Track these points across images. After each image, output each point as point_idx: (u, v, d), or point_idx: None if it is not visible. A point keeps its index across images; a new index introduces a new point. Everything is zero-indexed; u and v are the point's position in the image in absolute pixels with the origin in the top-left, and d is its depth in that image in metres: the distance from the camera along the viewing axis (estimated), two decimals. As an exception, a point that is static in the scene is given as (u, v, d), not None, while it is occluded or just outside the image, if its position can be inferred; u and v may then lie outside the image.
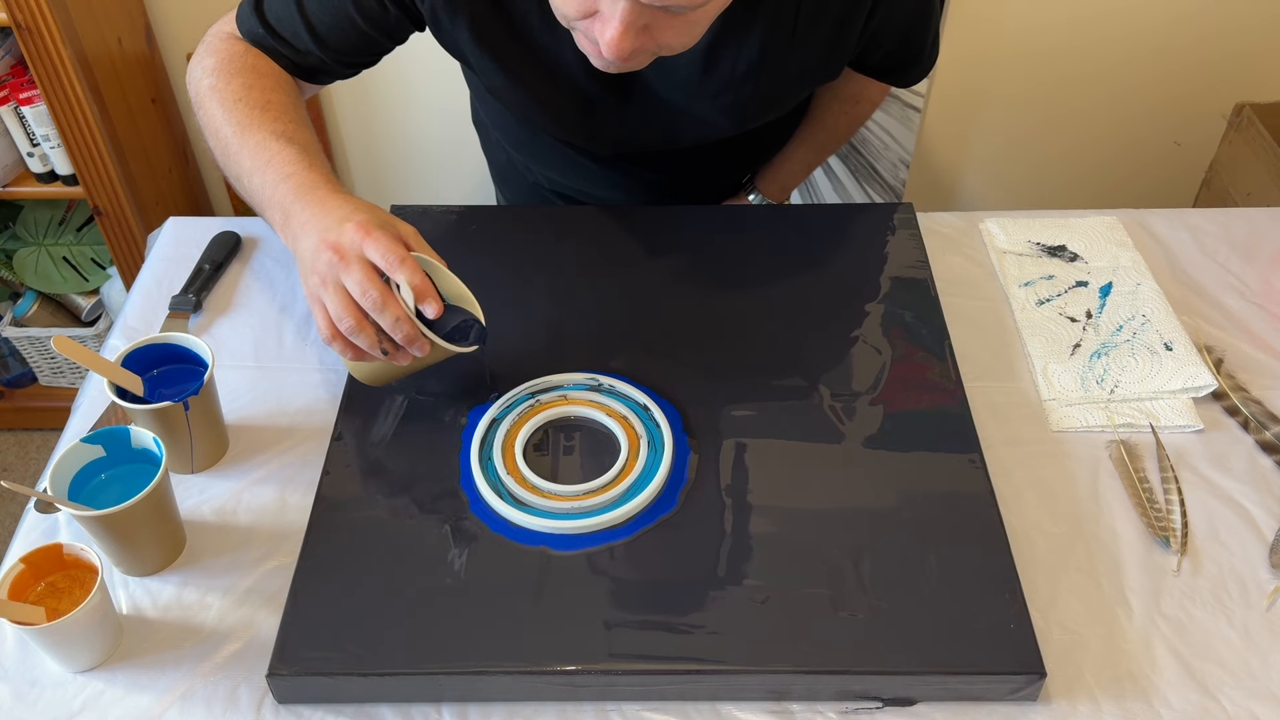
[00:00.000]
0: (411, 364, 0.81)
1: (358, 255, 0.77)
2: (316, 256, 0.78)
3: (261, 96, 0.90)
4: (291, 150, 0.86)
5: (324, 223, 0.79)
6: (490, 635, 0.73)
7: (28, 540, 0.82)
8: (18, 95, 1.57)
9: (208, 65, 0.93)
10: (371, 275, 0.76)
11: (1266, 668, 0.75)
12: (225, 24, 0.97)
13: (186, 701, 0.73)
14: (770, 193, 1.25)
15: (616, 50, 0.75)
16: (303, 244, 0.81)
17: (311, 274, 0.79)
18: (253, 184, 0.87)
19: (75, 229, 1.82)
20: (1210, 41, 1.74)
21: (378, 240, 0.77)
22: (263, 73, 0.93)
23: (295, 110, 0.91)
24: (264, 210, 0.87)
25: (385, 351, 0.79)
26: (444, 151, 1.89)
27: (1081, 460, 0.89)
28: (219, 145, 0.91)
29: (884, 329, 0.95)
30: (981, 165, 1.93)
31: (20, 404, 1.97)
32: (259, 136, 0.87)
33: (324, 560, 0.78)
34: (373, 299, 0.76)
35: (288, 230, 0.84)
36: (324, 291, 0.78)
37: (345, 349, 0.79)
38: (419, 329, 0.77)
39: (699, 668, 0.72)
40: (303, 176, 0.84)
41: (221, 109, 0.90)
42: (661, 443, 0.84)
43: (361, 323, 0.77)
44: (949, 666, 0.72)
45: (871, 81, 1.13)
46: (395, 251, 0.77)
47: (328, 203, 0.81)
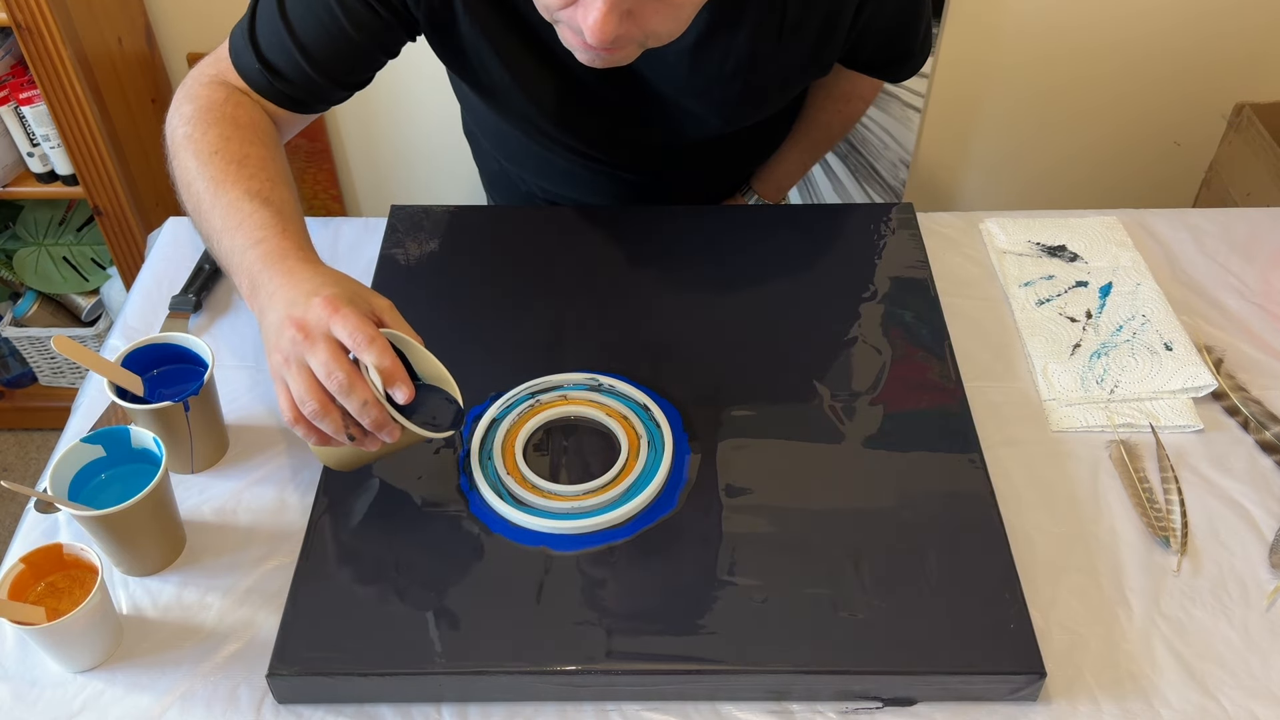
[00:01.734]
0: (381, 449, 0.75)
1: (324, 333, 0.71)
2: (280, 333, 0.73)
3: (239, 150, 0.85)
4: (265, 213, 0.81)
5: (290, 295, 0.74)
6: (490, 635, 0.73)
7: (28, 540, 0.82)
8: (18, 95, 1.57)
9: (185, 113, 0.88)
10: (338, 355, 0.71)
11: (1266, 668, 0.75)
12: (208, 66, 0.92)
13: (186, 701, 0.73)
14: (766, 194, 1.25)
15: (600, 34, 0.72)
16: (268, 318, 0.76)
17: (275, 351, 0.73)
18: (222, 246, 0.82)
19: (75, 229, 1.82)
20: (1210, 42, 1.74)
21: (346, 317, 0.71)
22: (242, 124, 0.88)
23: (273, 165, 0.86)
24: (232, 275, 0.82)
25: (352, 437, 0.73)
26: (443, 152, 1.89)
27: (1081, 460, 0.89)
28: (191, 200, 0.86)
29: (884, 329, 0.95)
30: (981, 165, 1.93)
31: (20, 404, 1.97)
32: (232, 195, 0.82)
33: (324, 560, 0.78)
34: (339, 381, 0.70)
35: (255, 300, 0.78)
36: (287, 371, 0.72)
37: (309, 433, 0.74)
38: (389, 413, 0.72)
39: (699, 668, 0.72)
40: (273, 244, 0.79)
41: (196, 161, 0.85)
42: (661, 443, 0.84)
43: (326, 406, 0.71)
44: (949, 666, 0.72)
45: (864, 79, 1.13)
46: (364, 330, 0.71)
47: (296, 274, 0.76)
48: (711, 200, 1.25)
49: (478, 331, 0.95)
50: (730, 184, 1.26)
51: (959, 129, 1.87)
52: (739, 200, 1.26)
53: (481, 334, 0.95)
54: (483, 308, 0.98)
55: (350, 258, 1.07)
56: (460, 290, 0.99)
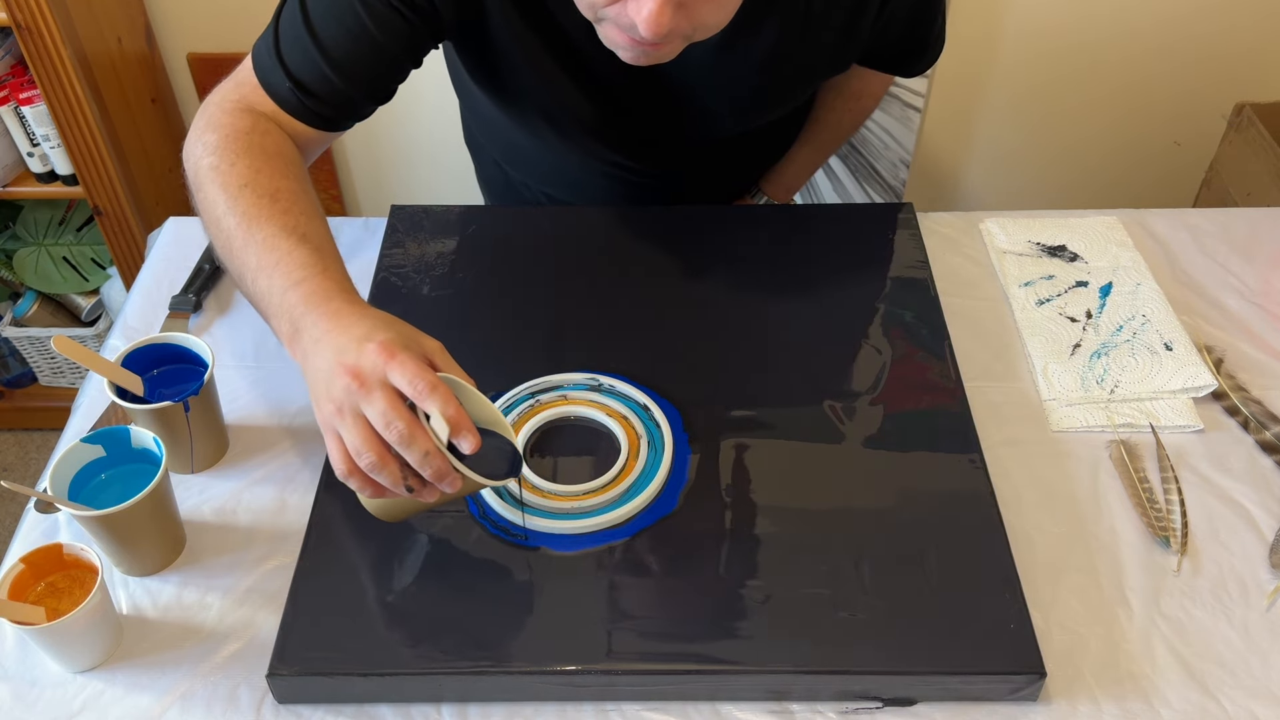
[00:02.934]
0: (437, 500, 0.71)
1: (380, 381, 0.67)
2: (332, 381, 0.68)
3: (270, 183, 0.81)
4: (303, 251, 0.77)
5: (339, 341, 0.70)
6: (490, 635, 0.73)
7: (28, 540, 0.82)
8: (18, 95, 1.57)
9: (209, 142, 0.84)
10: (397, 404, 0.67)
11: (1266, 668, 0.75)
12: (229, 90, 0.88)
13: (186, 701, 0.73)
14: (775, 194, 1.25)
15: (655, 27, 0.71)
16: (314, 364, 0.71)
17: (326, 401, 0.69)
18: (258, 286, 0.77)
19: (75, 229, 1.82)
20: (1210, 41, 1.74)
21: (403, 364, 0.67)
22: (270, 154, 0.83)
23: (305, 199, 0.82)
24: (269, 317, 0.78)
25: (410, 488, 0.69)
26: (444, 152, 1.89)
27: (1081, 460, 0.89)
28: (220, 235, 0.81)
29: (884, 329, 0.95)
30: (981, 165, 1.93)
31: (20, 404, 1.97)
32: (267, 231, 0.78)
33: (324, 560, 0.78)
34: (399, 431, 0.66)
35: (297, 345, 0.74)
36: (340, 421, 0.68)
37: (364, 485, 0.69)
38: (451, 462, 0.67)
39: (699, 668, 0.72)
40: (314, 284, 0.75)
41: (224, 195, 0.80)
42: (661, 443, 0.84)
43: (385, 457, 0.67)
44: (949, 666, 0.72)
45: (875, 76, 1.13)
46: (424, 377, 0.67)
47: (343, 317, 0.72)
48: (720, 204, 1.25)
49: (477, 331, 0.95)
50: (739, 186, 1.26)
51: (959, 129, 1.87)
52: (747, 202, 1.26)
53: (481, 334, 0.95)
54: (483, 308, 0.98)
55: (350, 258, 1.06)
56: (460, 290, 0.99)
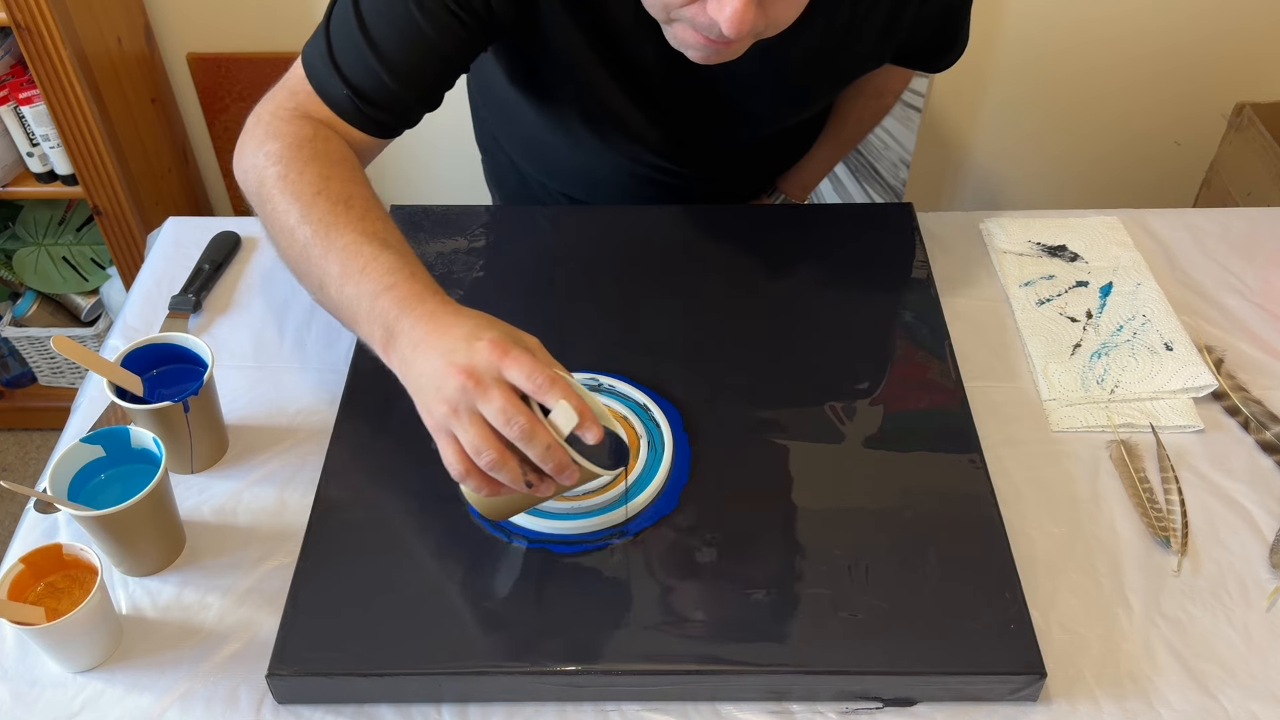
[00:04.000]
0: (556, 492, 0.71)
1: (495, 378, 0.67)
2: (444, 382, 0.68)
3: (342, 189, 0.80)
4: (388, 256, 0.76)
5: (445, 343, 0.70)
6: (490, 635, 0.73)
7: (28, 540, 0.82)
8: (17, 95, 1.57)
9: (271, 151, 0.82)
10: (515, 400, 0.67)
11: (1266, 668, 0.75)
12: (283, 99, 0.86)
13: (186, 701, 0.73)
14: (793, 193, 1.25)
15: (739, 25, 0.71)
16: (419, 368, 0.70)
17: (438, 403, 0.68)
18: (343, 294, 0.76)
19: (75, 229, 1.82)
20: (1210, 41, 1.74)
21: (519, 361, 0.67)
22: (335, 160, 0.82)
23: (377, 205, 0.82)
24: (357, 325, 0.77)
25: (529, 484, 0.69)
26: (445, 151, 1.89)
27: (1081, 460, 0.89)
28: (292, 245, 0.80)
29: (884, 329, 0.95)
30: (981, 165, 1.93)
31: (20, 404, 1.97)
32: (348, 238, 0.77)
33: (324, 560, 0.78)
34: (520, 427, 0.66)
35: (392, 351, 0.73)
36: (456, 422, 0.68)
37: (482, 484, 0.69)
38: (570, 455, 0.68)
39: (699, 668, 0.72)
40: (405, 288, 0.74)
41: (298, 204, 0.79)
42: (661, 443, 0.84)
43: (505, 454, 0.67)
44: (949, 666, 0.72)
45: (897, 72, 1.14)
46: (542, 372, 0.67)
47: (441, 319, 0.72)
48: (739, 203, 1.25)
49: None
50: (760, 186, 1.26)
51: (959, 129, 1.87)
52: (765, 201, 1.26)
53: (481, 334, 0.95)
54: (482, 307, 0.97)
55: (350, 258, 1.07)
56: (460, 290, 0.99)
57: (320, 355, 0.97)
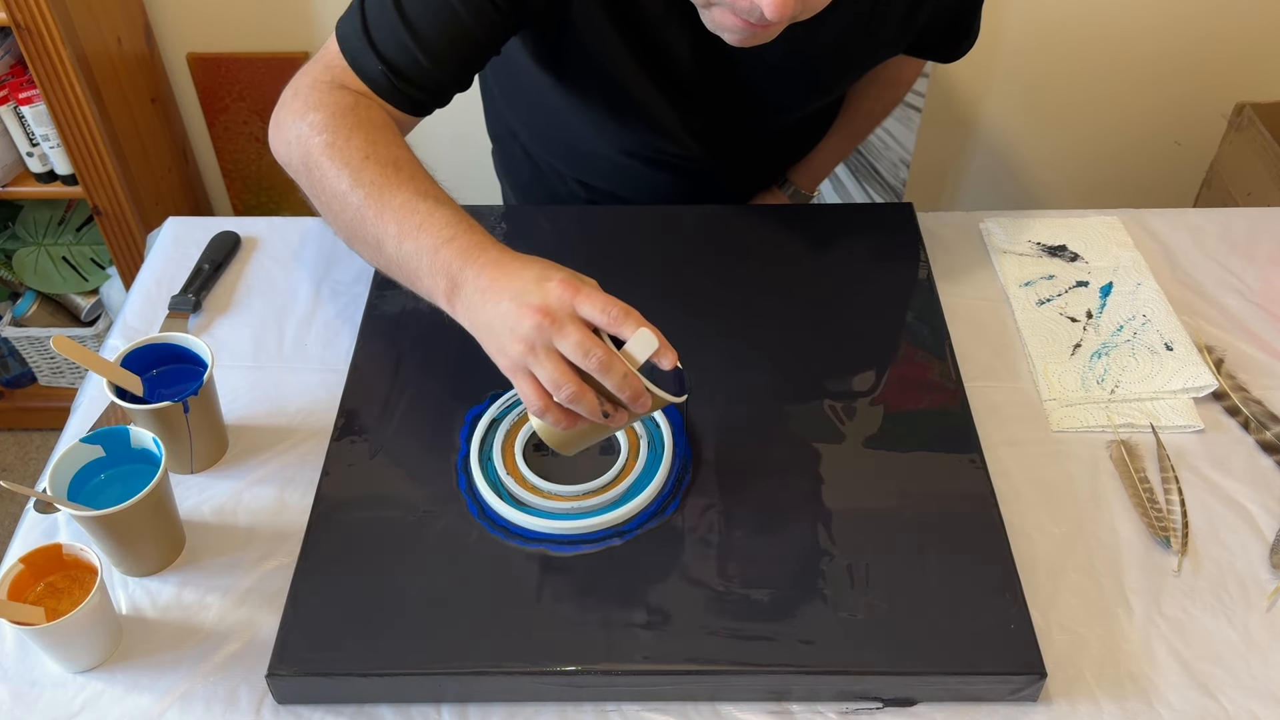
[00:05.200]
0: (626, 421, 0.74)
1: (570, 315, 0.70)
2: (519, 323, 0.70)
3: (389, 153, 0.82)
4: (444, 211, 0.79)
5: (516, 286, 0.72)
6: (490, 635, 0.73)
7: (27, 540, 0.82)
8: (17, 95, 1.57)
9: (315, 121, 0.84)
10: (591, 335, 0.70)
11: (1266, 668, 0.75)
12: (319, 73, 0.88)
13: (186, 701, 0.73)
14: (803, 183, 1.26)
15: (781, 9, 0.72)
16: (489, 311, 0.73)
17: (514, 342, 0.71)
18: (402, 251, 0.79)
19: (75, 229, 1.82)
20: (1210, 41, 1.74)
21: (592, 296, 0.70)
22: (379, 126, 0.85)
23: (424, 169, 0.85)
24: (419, 278, 0.79)
25: (605, 414, 0.71)
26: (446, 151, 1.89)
27: (1081, 460, 0.89)
28: (345, 209, 0.82)
29: (884, 329, 0.95)
30: (981, 165, 1.93)
31: (20, 404, 1.97)
32: (402, 197, 0.79)
33: (324, 560, 0.78)
34: (598, 359, 0.69)
35: (457, 299, 0.76)
36: (533, 360, 0.70)
37: (560, 418, 0.72)
38: (645, 384, 0.71)
39: (699, 668, 0.72)
40: (466, 239, 0.77)
41: (348, 168, 0.81)
42: (661, 443, 0.84)
43: (583, 387, 0.70)
44: (949, 667, 0.72)
45: (909, 63, 1.15)
46: (616, 304, 0.70)
47: (507, 264, 0.75)
48: (750, 194, 1.26)
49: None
50: (772, 176, 1.27)
51: (959, 129, 1.87)
52: (775, 192, 1.26)
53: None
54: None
55: (350, 258, 1.07)
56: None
57: (320, 355, 0.97)
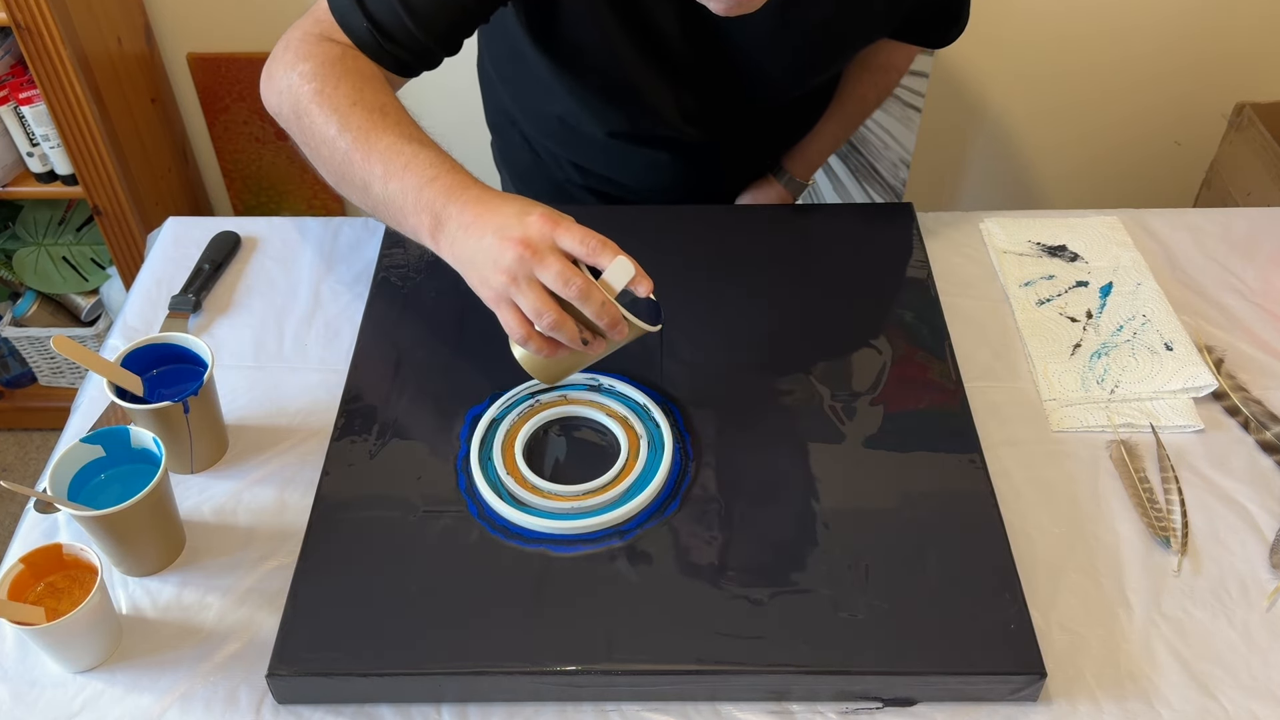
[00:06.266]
0: (604, 349, 0.78)
1: (550, 246, 0.74)
2: (501, 254, 0.74)
3: (376, 100, 0.85)
4: (427, 153, 0.82)
5: (497, 220, 0.76)
6: (490, 635, 0.73)
7: (27, 540, 0.82)
8: (17, 95, 1.57)
9: (305, 70, 0.87)
10: (570, 264, 0.73)
11: (1266, 668, 0.75)
12: (309, 25, 0.91)
13: (186, 702, 0.73)
14: (798, 171, 1.26)
15: None
16: (472, 245, 0.76)
17: (497, 273, 0.74)
18: (388, 191, 0.82)
19: (75, 229, 1.82)
20: (1210, 41, 1.74)
21: (571, 229, 0.74)
22: (367, 75, 0.87)
23: (409, 115, 0.87)
24: (404, 217, 0.82)
25: (585, 341, 0.75)
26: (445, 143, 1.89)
27: (1081, 460, 0.89)
28: (334, 154, 0.85)
29: (884, 329, 0.95)
30: (981, 165, 1.93)
31: (20, 404, 1.97)
32: (388, 140, 0.82)
33: (324, 560, 0.78)
34: (578, 287, 0.72)
35: (441, 235, 0.79)
36: (516, 290, 0.74)
37: (542, 346, 0.76)
38: (622, 312, 0.74)
39: (699, 668, 0.72)
40: (449, 178, 0.80)
41: (335, 114, 0.84)
42: (661, 443, 0.84)
43: (563, 315, 0.74)
44: (949, 666, 0.72)
45: (901, 48, 1.15)
46: (594, 236, 0.74)
47: (489, 201, 0.78)
48: (745, 181, 1.26)
49: (477, 331, 0.95)
50: (766, 162, 1.27)
51: (959, 129, 1.87)
52: (770, 181, 1.26)
53: (481, 334, 0.95)
54: (483, 307, 0.97)
55: (350, 258, 1.07)
56: (460, 290, 0.99)
57: (320, 355, 0.97)
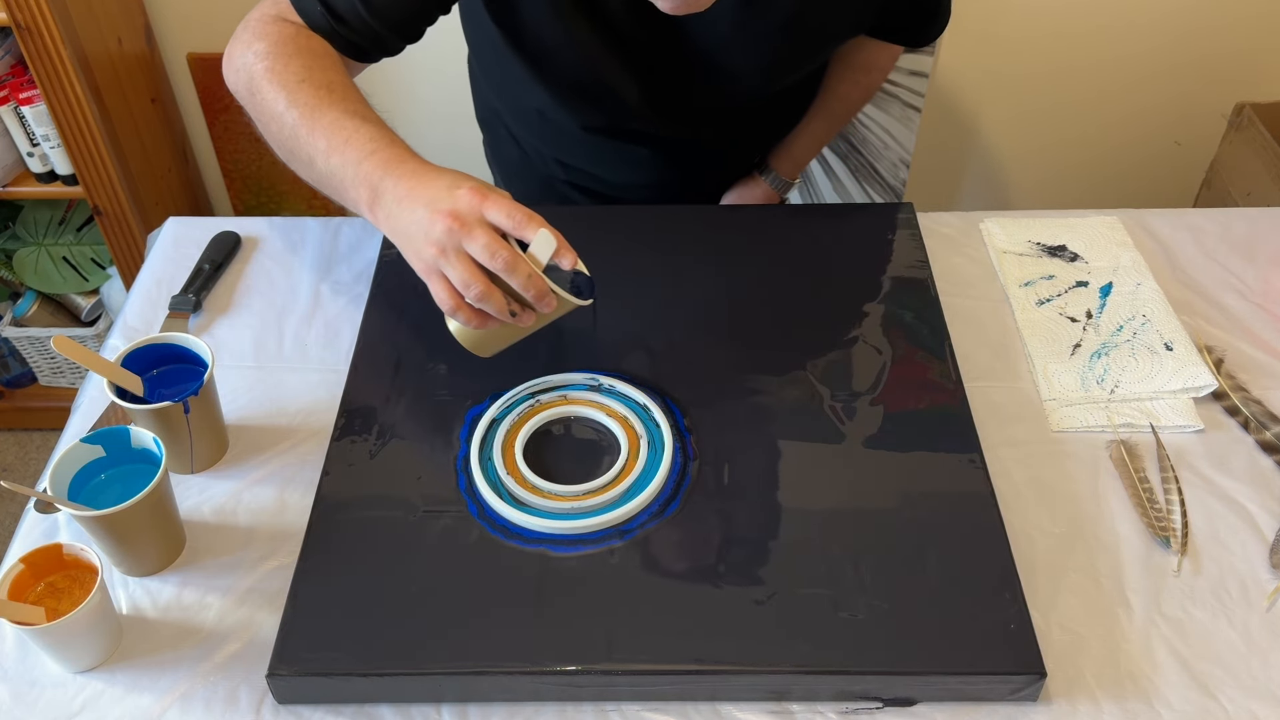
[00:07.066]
0: (533, 324, 0.80)
1: (478, 219, 0.75)
2: (431, 226, 0.76)
3: (324, 77, 0.87)
4: (368, 128, 0.84)
5: (429, 193, 0.77)
6: (490, 635, 0.73)
7: (28, 540, 0.82)
8: (18, 95, 1.57)
9: (259, 49, 0.89)
10: (497, 237, 0.75)
11: (1266, 668, 0.75)
12: (268, 7, 0.93)
13: (186, 702, 0.73)
14: (784, 170, 1.26)
15: None
16: (406, 218, 0.78)
17: (427, 245, 0.76)
18: (329, 165, 0.84)
19: (75, 229, 1.82)
20: (1210, 41, 1.74)
21: (498, 202, 0.76)
22: (318, 54, 0.90)
23: (358, 91, 0.89)
24: (345, 190, 0.85)
25: (513, 313, 0.77)
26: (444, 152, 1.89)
27: (1081, 460, 0.89)
28: (282, 129, 0.88)
29: (884, 329, 0.95)
30: (981, 165, 1.93)
31: (20, 404, 1.97)
32: (332, 115, 0.85)
33: (324, 560, 0.78)
34: (504, 259, 0.74)
35: (378, 207, 0.81)
36: (444, 261, 0.76)
37: (471, 317, 0.78)
38: (549, 284, 0.76)
39: (699, 668, 0.72)
40: (387, 152, 0.82)
41: (284, 91, 0.87)
42: (661, 443, 0.84)
43: (490, 287, 0.76)
44: (949, 666, 0.72)
45: (883, 48, 1.15)
46: (520, 209, 0.76)
47: (423, 174, 0.79)
48: (731, 179, 1.26)
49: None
50: (750, 159, 1.26)
51: (959, 129, 1.87)
52: (755, 179, 1.26)
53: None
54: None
55: (350, 258, 1.07)
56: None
57: (320, 355, 0.97)
